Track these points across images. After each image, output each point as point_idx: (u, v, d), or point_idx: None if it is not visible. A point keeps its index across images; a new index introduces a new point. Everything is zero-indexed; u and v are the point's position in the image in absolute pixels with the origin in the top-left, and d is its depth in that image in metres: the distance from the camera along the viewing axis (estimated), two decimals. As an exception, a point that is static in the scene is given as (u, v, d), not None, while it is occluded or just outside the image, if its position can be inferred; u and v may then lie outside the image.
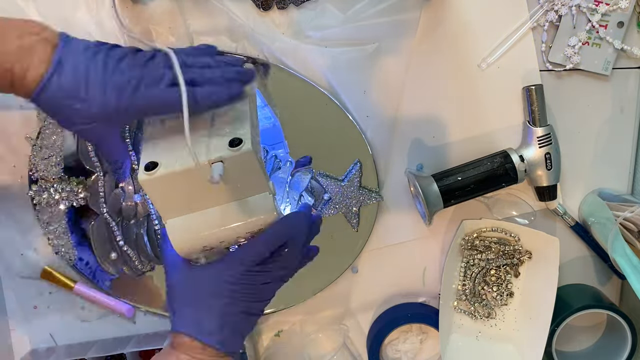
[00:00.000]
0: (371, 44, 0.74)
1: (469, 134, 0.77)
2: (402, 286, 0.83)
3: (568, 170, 0.78)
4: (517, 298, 0.82)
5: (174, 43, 0.73)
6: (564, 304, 0.77)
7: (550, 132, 0.73)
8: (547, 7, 0.73)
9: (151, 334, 0.82)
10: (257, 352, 0.84)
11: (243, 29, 0.73)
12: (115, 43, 0.54)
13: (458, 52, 0.75)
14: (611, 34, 0.73)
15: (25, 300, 0.81)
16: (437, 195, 0.72)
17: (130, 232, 0.77)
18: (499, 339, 0.82)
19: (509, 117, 0.76)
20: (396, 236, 0.80)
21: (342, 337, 0.83)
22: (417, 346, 0.84)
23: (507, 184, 0.74)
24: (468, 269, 0.81)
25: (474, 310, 0.82)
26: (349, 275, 0.81)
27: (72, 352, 0.80)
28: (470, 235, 0.80)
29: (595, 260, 0.82)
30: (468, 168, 0.74)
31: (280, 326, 0.83)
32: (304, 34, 0.74)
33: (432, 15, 0.74)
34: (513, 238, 0.80)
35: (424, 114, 0.77)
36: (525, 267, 0.81)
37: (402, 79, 0.75)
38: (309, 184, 0.77)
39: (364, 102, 0.76)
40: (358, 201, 0.77)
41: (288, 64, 0.74)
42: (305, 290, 0.80)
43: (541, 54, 0.75)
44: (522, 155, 0.73)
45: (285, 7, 0.73)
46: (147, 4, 0.72)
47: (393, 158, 0.78)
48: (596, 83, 0.76)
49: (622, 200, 0.77)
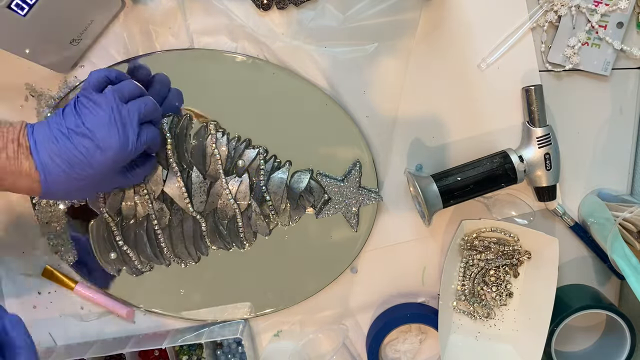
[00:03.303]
0: (371, 44, 0.74)
1: (468, 134, 0.77)
2: (401, 286, 0.83)
3: (567, 171, 0.78)
4: (517, 298, 0.82)
5: (174, 43, 0.73)
6: (563, 304, 0.77)
7: (549, 133, 0.73)
8: (547, 8, 0.73)
9: (150, 334, 0.82)
10: (257, 352, 0.84)
11: (243, 29, 0.73)
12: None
13: (458, 52, 0.75)
14: (611, 34, 0.73)
15: (25, 300, 0.81)
16: (436, 195, 0.72)
17: (129, 232, 0.77)
18: (498, 339, 0.82)
19: (508, 118, 0.77)
20: (395, 236, 0.80)
21: (342, 337, 0.83)
22: (417, 346, 0.84)
23: (507, 184, 0.74)
24: (467, 269, 0.81)
25: (473, 311, 0.82)
26: (349, 275, 0.81)
27: (71, 352, 0.80)
28: (469, 235, 0.80)
29: (594, 261, 0.82)
30: (467, 168, 0.74)
31: (280, 326, 0.83)
32: (303, 34, 0.74)
33: (432, 15, 0.74)
34: (512, 238, 0.80)
35: (423, 114, 0.77)
36: (525, 268, 0.81)
37: (402, 79, 0.75)
38: (309, 184, 0.77)
39: (364, 102, 0.76)
40: (357, 201, 0.77)
41: (288, 64, 0.74)
42: (304, 290, 0.80)
43: (541, 55, 0.75)
44: (521, 156, 0.73)
45: (285, 7, 0.73)
46: (147, 4, 0.72)
47: (393, 158, 0.78)
48: (596, 83, 0.76)
49: (622, 201, 0.77)
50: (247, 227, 0.77)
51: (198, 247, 0.78)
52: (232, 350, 0.83)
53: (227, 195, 0.75)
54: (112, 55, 0.73)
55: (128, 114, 0.61)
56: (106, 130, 0.60)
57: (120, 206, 0.76)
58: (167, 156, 0.74)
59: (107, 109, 0.60)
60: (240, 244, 0.78)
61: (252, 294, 0.80)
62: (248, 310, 0.81)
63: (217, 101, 0.74)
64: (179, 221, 0.77)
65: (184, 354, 0.83)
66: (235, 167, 0.75)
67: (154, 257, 0.78)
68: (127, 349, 0.78)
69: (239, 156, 0.75)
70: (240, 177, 0.75)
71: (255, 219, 0.77)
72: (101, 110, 0.60)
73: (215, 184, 0.75)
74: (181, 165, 0.75)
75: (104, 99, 0.61)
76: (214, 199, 0.76)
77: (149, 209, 0.76)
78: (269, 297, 0.80)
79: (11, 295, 0.81)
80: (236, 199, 0.76)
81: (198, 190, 0.75)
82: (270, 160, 0.76)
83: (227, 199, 0.76)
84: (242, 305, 0.81)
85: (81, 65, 0.74)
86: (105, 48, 0.73)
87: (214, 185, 0.75)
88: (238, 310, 0.81)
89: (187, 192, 0.75)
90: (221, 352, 0.84)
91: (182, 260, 0.79)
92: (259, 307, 0.81)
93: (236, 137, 0.75)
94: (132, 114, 0.62)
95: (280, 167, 0.76)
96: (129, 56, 0.73)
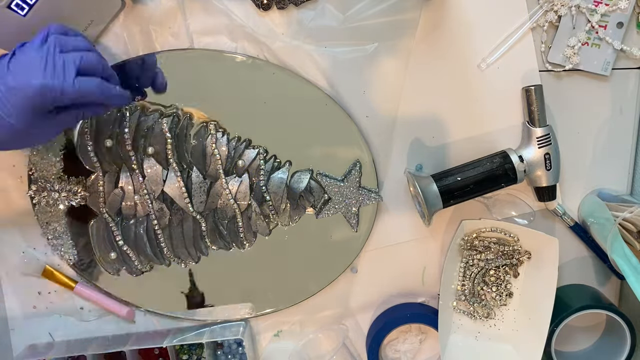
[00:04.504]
0: (371, 44, 0.74)
1: (468, 134, 0.77)
2: (401, 286, 0.83)
3: (567, 171, 0.78)
4: (516, 298, 0.82)
5: (174, 43, 0.73)
6: (563, 304, 0.77)
7: (549, 133, 0.73)
8: (547, 8, 0.73)
9: (151, 332, 0.82)
10: (257, 352, 0.84)
11: (243, 29, 0.73)
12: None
13: (458, 52, 0.75)
14: (610, 34, 0.73)
15: (25, 300, 0.81)
16: (436, 195, 0.72)
17: (129, 231, 0.77)
18: (498, 339, 0.82)
19: (508, 118, 0.77)
20: (395, 236, 0.80)
21: (342, 337, 0.83)
22: (417, 346, 0.84)
23: (507, 184, 0.74)
24: (467, 269, 0.81)
25: (473, 311, 0.82)
26: (349, 275, 0.81)
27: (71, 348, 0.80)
28: (469, 235, 0.80)
29: (594, 261, 0.82)
30: (467, 168, 0.74)
31: (280, 326, 0.83)
32: (303, 34, 0.74)
33: (432, 15, 0.74)
34: (512, 238, 0.80)
35: (423, 114, 0.77)
36: (525, 268, 0.81)
37: (402, 79, 0.75)
38: (309, 184, 0.77)
39: (364, 102, 0.76)
40: (357, 201, 0.77)
41: (288, 64, 0.74)
42: (304, 290, 0.80)
43: (541, 55, 0.75)
44: (521, 156, 0.73)
45: (285, 7, 0.73)
46: (147, 4, 0.72)
47: (392, 158, 0.78)
48: (595, 83, 0.76)
49: (621, 201, 0.77)
50: (247, 227, 0.78)
51: (198, 247, 0.78)
52: (233, 350, 0.83)
53: (227, 195, 0.75)
54: (112, 55, 0.73)
55: (63, 61, 0.58)
56: (31, 70, 0.56)
57: (120, 206, 0.76)
58: (167, 156, 0.74)
59: (42, 52, 0.57)
60: (240, 244, 0.78)
61: (252, 294, 0.80)
62: (248, 311, 0.81)
63: (217, 101, 0.74)
64: (179, 221, 0.77)
65: (184, 354, 0.83)
66: (235, 167, 0.76)
67: (154, 257, 0.78)
68: (127, 346, 0.78)
69: (239, 156, 0.75)
70: (240, 177, 0.75)
71: (255, 219, 0.77)
72: (34, 53, 0.57)
73: (215, 184, 0.75)
74: (181, 165, 0.75)
75: (42, 45, 0.58)
76: (214, 199, 0.76)
77: (149, 209, 0.76)
78: (269, 297, 0.80)
79: (11, 295, 0.81)
80: (236, 199, 0.76)
81: (198, 190, 0.75)
82: (270, 160, 0.76)
83: (227, 199, 0.76)
84: (243, 305, 0.81)
85: (81, 65, 0.74)
86: (105, 48, 0.73)
87: (214, 185, 0.75)
88: (238, 310, 0.81)
89: (187, 192, 0.75)
90: (221, 352, 0.84)
91: (182, 260, 0.79)
92: (259, 307, 0.81)
93: (236, 137, 0.75)
94: (68, 61, 0.58)
95: (280, 167, 0.76)
96: (129, 56, 0.73)
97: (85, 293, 0.80)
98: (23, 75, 0.56)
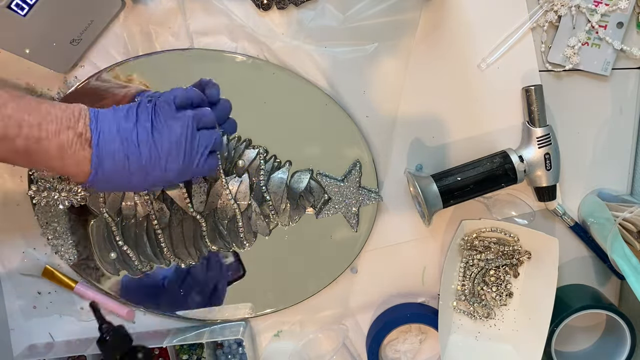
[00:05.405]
0: (371, 44, 0.74)
1: (468, 134, 0.77)
2: (401, 286, 0.83)
3: (567, 171, 0.78)
4: (517, 298, 0.82)
5: (174, 43, 0.73)
6: (563, 305, 0.77)
7: (549, 133, 0.73)
8: (547, 8, 0.73)
9: (151, 332, 0.82)
10: (257, 352, 0.84)
11: (243, 29, 0.73)
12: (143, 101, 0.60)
13: (458, 52, 0.75)
14: (610, 34, 0.73)
15: (25, 300, 0.81)
16: (436, 195, 0.72)
17: (129, 232, 0.77)
18: (498, 339, 0.82)
19: (508, 118, 0.77)
20: (395, 236, 0.80)
21: (342, 337, 0.83)
22: (417, 346, 0.84)
23: (507, 184, 0.74)
24: (467, 269, 0.81)
25: (473, 311, 0.82)
26: (349, 275, 0.81)
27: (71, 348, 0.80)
28: (469, 235, 0.80)
29: (594, 261, 0.82)
30: (467, 168, 0.74)
31: (280, 326, 0.83)
32: (303, 34, 0.74)
33: (432, 15, 0.74)
34: (512, 238, 0.80)
35: (423, 114, 0.77)
36: (525, 268, 0.81)
37: (402, 79, 0.75)
38: (309, 184, 0.77)
39: (364, 102, 0.76)
40: (357, 201, 0.77)
41: (288, 64, 0.74)
42: (304, 290, 0.80)
43: (541, 55, 0.75)
44: (521, 156, 0.73)
45: (285, 7, 0.73)
46: (147, 4, 0.72)
47: (392, 158, 0.78)
48: (595, 83, 0.76)
49: (622, 201, 0.77)
50: (247, 227, 0.77)
51: (198, 247, 0.78)
52: (233, 350, 0.83)
53: (227, 196, 0.75)
54: (112, 55, 0.73)
55: (198, 143, 0.60)
56: (175, 151, 0.58)
57: (120, 206, 0.76)
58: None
59: (182, 129, 0.59)
60: (240, 244, 0.78)
61: (252, 294, 0.80)
62: (248, 311, 0.81)
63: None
64: (179, 221, 0.77)
65: (185, 353, 0.83)
66: (235, 167, 0.75)
67: (154, 257, 0.78)
68: (127, 347, 0.78)
69: (239, 156, 0.75)
70: (240, 177, 0.75)
71: (255, 219, 0.77)
72: (177, 127, 0.59)
73: (215, 184, 0.75)
74: (181, 165, 0.75)
75: (183, 117, 0.59)
76: (214, 199, 0.76)
77: (149, 209, 0.76)
78: (269, 297, 0.80)
79: (11, 295, 0.81)
80: (236, 199, 0.76)
81: (198, 190, 0.75)
82: (270, 160, 0.76)
83: (227, 199, 0.76)
84: (243, 305, 0.81)
85: (81, 65, 0.74)
86: (105, 48, 0.73)
87: (214, 185, 0.75)
88: (238, 310, 0.81)
89: (187, 192, 0.75)
90: (221, 352, 0.84)
91: (182, 260, 0.79)
92: (259, 307, 0.81)
93: (236, 137, 0.75)
94: (201, 144, 0.60)
95: (280, 167, 0.76)
96: (129, 56, 0.73)
97: (85, 293, 0.80)
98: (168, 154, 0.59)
